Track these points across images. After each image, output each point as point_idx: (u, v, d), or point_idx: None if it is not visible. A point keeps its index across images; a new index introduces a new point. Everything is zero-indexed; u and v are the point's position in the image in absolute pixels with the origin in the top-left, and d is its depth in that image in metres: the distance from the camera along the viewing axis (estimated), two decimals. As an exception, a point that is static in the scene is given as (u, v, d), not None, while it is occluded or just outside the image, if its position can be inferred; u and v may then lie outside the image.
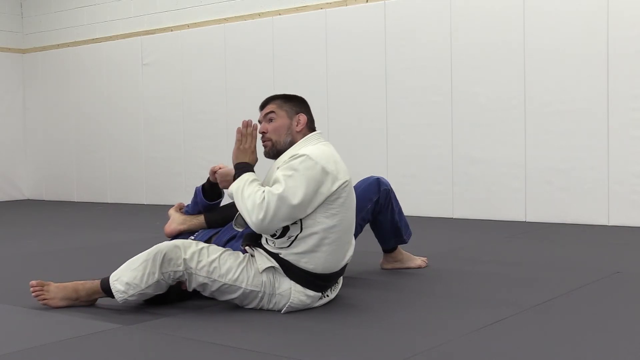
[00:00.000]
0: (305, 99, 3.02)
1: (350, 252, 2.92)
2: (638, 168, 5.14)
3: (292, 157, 2.74)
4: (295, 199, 2.63)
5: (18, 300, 3.05)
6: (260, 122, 2.94)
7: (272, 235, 2.76)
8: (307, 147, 2.79)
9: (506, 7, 5.62)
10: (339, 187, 2.74)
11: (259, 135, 2.91)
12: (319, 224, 2.72)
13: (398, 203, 3.53)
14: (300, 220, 2.72)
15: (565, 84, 5.38)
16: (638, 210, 5.14)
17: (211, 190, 3.31)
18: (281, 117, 2.88)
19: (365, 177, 3.51)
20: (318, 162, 2.69)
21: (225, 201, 3.38)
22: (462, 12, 5.83)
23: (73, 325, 2.64)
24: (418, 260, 3.68)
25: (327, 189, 2.70)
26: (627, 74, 5.14)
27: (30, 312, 2.87)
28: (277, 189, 2.65)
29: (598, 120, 5.26)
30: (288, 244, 2.74)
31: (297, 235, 2.72)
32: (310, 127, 2.93)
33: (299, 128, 2.87)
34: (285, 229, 2.73)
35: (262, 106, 2.96)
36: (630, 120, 5.15)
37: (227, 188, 3.11)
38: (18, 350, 2.36)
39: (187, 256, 2.71)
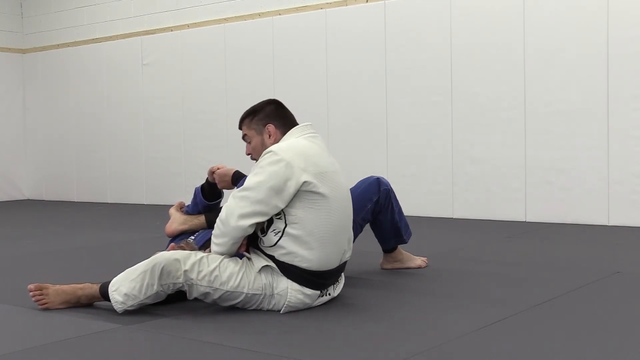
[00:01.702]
0: (276, 98, 3.05)
1: (349, 251, 2.92)
2: (638, 168, 5.13)
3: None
4: (258, 193, 2.67)
5: (18, 300, 3.04)
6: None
7: (262, 232, 2.76)
8: (281, 143, 2.83)
9: (506, 7, 5.62)
10: (311, 179, 2.71)
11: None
12: (301, 219, 2.72)
13: (398, 203, 3.53)
14: (284, 215, 2.72)
15: (565, 84, 5.38)
16: (638, 210, 5.14)
17: (210, 191, 3.32)
18: (253, 137, 2.96)
19: (365, 177, 3.51)
20: (282, 157, 2.70)
21: (225, 201, 3.38)
22: (462, 12, 5.82)
23: (73, 325, 2.64)
24: (418, 260, 3.68)
25: (295, 181, 2.69)
26: (627, 74, 5.14)
27: (30, 312, 2.87)
28: (240, 189, 2.72)
29: (598, 120, 5.25)
30: (275, 242, 2.73)
31: (284, 229, 2.72)
32: (284, 128, 2.92)
33: (271, 140, 2.91)
34: (269, 223, 2.74)
35: (239, 128, 3.03)
36: (630, 120, 5.15)
37: (225, 188, 3.13)
38: (18, 350, 2.37)
39: (187, 267, 2.71)
